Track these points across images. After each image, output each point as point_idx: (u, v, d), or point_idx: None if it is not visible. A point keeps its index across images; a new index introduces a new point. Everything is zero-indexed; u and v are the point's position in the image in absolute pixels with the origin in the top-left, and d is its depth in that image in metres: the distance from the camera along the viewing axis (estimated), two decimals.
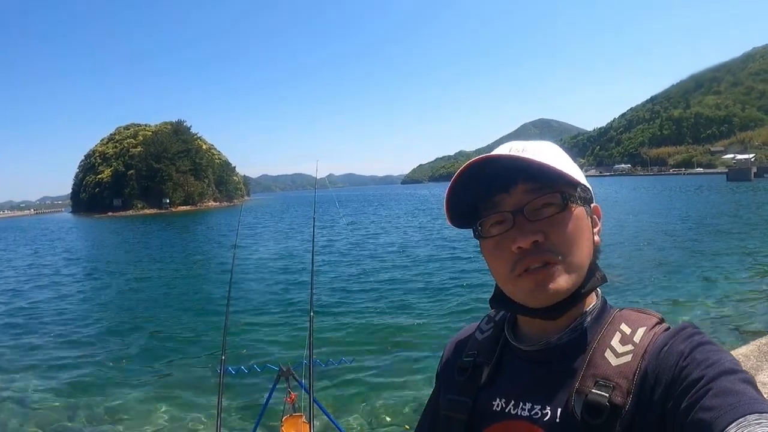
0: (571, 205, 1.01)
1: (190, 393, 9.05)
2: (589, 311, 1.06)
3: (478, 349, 1.18)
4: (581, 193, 1.05)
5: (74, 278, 24.62)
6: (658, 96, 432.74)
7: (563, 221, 1.00)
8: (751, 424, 0.72)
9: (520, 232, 0.98)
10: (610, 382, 0.93)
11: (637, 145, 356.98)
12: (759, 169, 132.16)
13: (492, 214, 1.04)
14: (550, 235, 0.99)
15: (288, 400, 5.04)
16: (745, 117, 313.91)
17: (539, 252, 0.98)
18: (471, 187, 1.04)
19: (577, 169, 1.09)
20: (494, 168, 1.00)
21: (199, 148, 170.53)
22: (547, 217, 1.00)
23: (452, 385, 1.18)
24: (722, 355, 0.88)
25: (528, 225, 0.99)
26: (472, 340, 1.22)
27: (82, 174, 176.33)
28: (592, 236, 1.07)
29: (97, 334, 13.58)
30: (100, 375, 10.33)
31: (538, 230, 0.98)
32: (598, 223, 1.12)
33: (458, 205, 1.07)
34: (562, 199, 1.00)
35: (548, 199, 1.00)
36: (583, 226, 1.03)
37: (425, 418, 1.29)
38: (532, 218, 0.99)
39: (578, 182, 1.05)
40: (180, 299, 17.78)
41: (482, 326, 1.24)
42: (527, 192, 1.01)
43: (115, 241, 49.56)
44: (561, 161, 1.05)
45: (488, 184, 1.02)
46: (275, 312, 14.48)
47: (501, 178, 1.01)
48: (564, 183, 1.02)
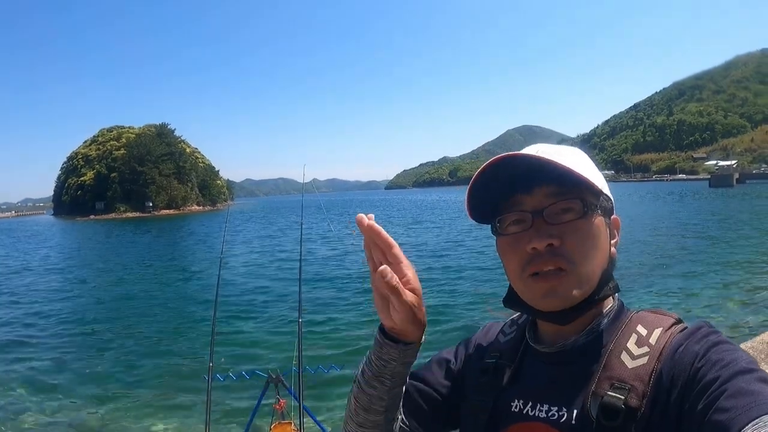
0: (591, 213, 1.01)
1: (178, 401, 8.98)
2: (606, 313, 1.06)
3: (500, 351, 1.19)
4: (603, 202, 1.05)
5: (55, 285, 24.27)
6: (641, 103, 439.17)
7: (581, 228, 1.00)
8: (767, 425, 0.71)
9: (537, 234, 0.99)
10: (626, 384, 0.93)
11: (620, 152, 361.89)
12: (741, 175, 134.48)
13: (512, 212, 1.05)
14: (566, 241, 0.99)
15: (277, 407, 5.01)
16: (728, 124, 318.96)
17: (553, 256, 0.99)
18: (493, 184, 1.04)
19: (601, 178, 1.09)
20: (519, 167, 1.00)
21: (183, 152, 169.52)
22: (566, 222, 1.00)
23: (474, 386, 1.18)
24: (738, 354, 0.87)
25: (546, 227, 0.99)
26: (495, 342, 1.23)
27: (64, 176, 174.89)
28: (608, 247, 1.06)
29: (80, 342, 13.43)
30: (83, 385, 10.20)
31: (554, 234, 0.99)
32: (617, 236, 1.11)
33: (479, 199, 1.07)
34: (583, 206, 1.00)
35: (569, 205, 1.00)
36: (600, 236, 1.03)
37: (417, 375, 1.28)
38: (550, 221, 1.00)
39: (601, 191, 1.05)
40: (166, 306, 17.62)
41: (505, 329, 1.24)
42: (549, 195, 1.01)
43: (98, 245, 49.18)
44: (587, 168, 1.04)
45: (511, 183, 1.03)
46: (263, 318, 14.44)
47: (524, 178, 1.02)
48: (587, 191, 1.01)
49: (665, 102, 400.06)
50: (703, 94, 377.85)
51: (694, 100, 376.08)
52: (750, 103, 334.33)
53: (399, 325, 1.04)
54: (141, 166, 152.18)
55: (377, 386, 1.11)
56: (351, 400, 1.16)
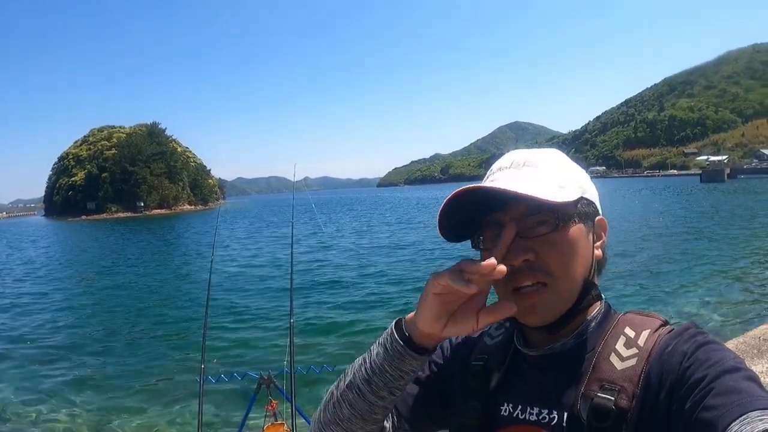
0: (566, 224, 1.00)
1: (170, 403, 8.92)
2: (593, 317, 1.07)
3: (488, 353, 1.17)
4: (582, 208, 1.04)
5: (43, 287, 24.10)
6: (633, 99, 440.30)
7: (557, 241, 0.99)
8: (753, 421, 0.72)
9: (512, 249, 0.98)
10: (616, 385, 0.93)
11: (611, 148, 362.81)
12: (732, 170, 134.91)
13: (489, 228, 1.04)
14: (541, 254, 0.98)
15: (269, 409, 4.98)
16: (719, 119, 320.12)
17: (531, 271, 0.98)
18: (465, 206, 1.02)
19: (583, 178, 1.09)
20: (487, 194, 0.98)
21: (174, 151, 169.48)
22: (541, 236, 0.99)
23: (461, 390, 1.17)
24: (725, 353, 0.88)
25: (521, 242, 0.98)
26: (481, 344, 1.22)
27: (55, 177, 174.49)
28: (591, 253, 1.06)
29: (70, 343, 13.34)
30: (72, 387, 10.13)
31: (529, 248, 0.98)
32: (603, 237, 1.10)
33: (453, 222, 1.05)
34: (555, 219, 0.99)
35: (543, 218, 0.99)
36: (578, 245, 1.02)
37: None
38: (525, 235, 0.99)
39: (579, 198, 1.04)
40: (157, 307, 17.52)
41: (491, 332, 1.23)
42: (522, 212, 1.00)
43: (89, 246, 48.82)
44: (559, 177, 1.04)
45: (486, 202, 1.01)
46: (255, 319, 14.36)
47: (496, 199, 1.00)
48: (559, 205, 0.99)
49: (656, 98, 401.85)
50: (694, 90, 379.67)
51: (685, 95, 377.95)
52: (741, 98, 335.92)
53: (443, 335, 1.00)
54: (132, 166, 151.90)
55: (386, 397, 1.05)
56: (343, 405, 1.09)
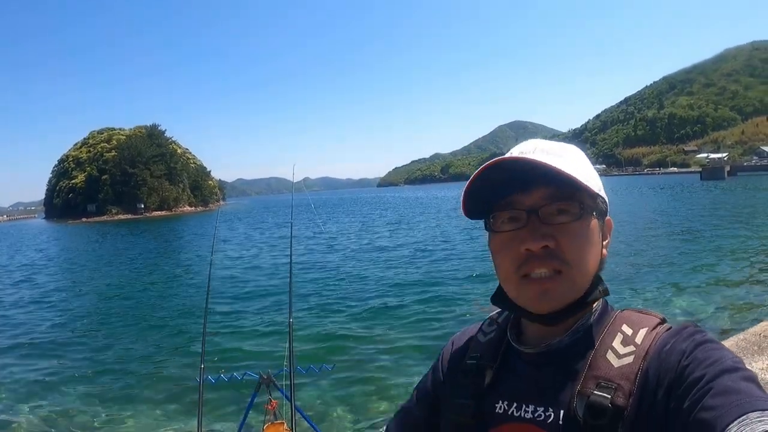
0: (588, 216, 1.00)
1: (169, 403, 8.90)
2: (591, 313, 1.06)
3: (481, 351, 1.17)
4: (600, 205, 1.05)
5: (46, 286, 24.11)
6: (632, 97, 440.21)
7: (577, 231, 0.99)
8: (753, 422, 0.72)
9: (532, 234, 0.98)
10: (612, 383, 0.93)
11: (611, 146, 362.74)
12: (732, 167, 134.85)
13: (507, 210, 1.03)
14: (561, 243, 0.98)
15: (269, 408, 4.96)
16: (718, 117, 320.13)
17: (549, 258, 0.98)
18: (491, 183, 1.02)
19: (598, 179, 1.08)
20: (518, 168, 0.98)
21: (174, 152, 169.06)
22: (561, 224, 0.99)
23: (456, 388, 1.17)
24: (723, 353, 0.87)
25: (541, 227, 0.98)
26: (475, 341, 1.21)
27: (55, 179, 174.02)
28: (601, 249, 1.06)
29: (69, 344, 13.28)
30: (72, 387, 10.09)
31: (549, 235, 0.98)
32: (608, 237, 1.11)
33: (476, 197, 1.05)
34: (580, 209, 0.99)
35: (566, 206, 0.99)
36: (594, 239, 1.02)
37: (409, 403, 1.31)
38: (545, 221, 0.99)
39: (598, 194, 1.04)
40: (156, 307, 17.49)
41: (484, 328, 1.23)
42: (546, 196, 1.00)
43: (89, 248, 48.78)
44: (585, 170, 1.04)
45: (509, 182, 1.01)
46: (254, 319, 14.31)
47: (522, 178, 1.00)
48: (585, 194, 1.00)
49: (656, 96, 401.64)
50: (693, 88, 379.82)
51: (685, 93, 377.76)
52: (740, 95, 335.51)
53: None
54: (132, 168, 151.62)
55: None
56: None
